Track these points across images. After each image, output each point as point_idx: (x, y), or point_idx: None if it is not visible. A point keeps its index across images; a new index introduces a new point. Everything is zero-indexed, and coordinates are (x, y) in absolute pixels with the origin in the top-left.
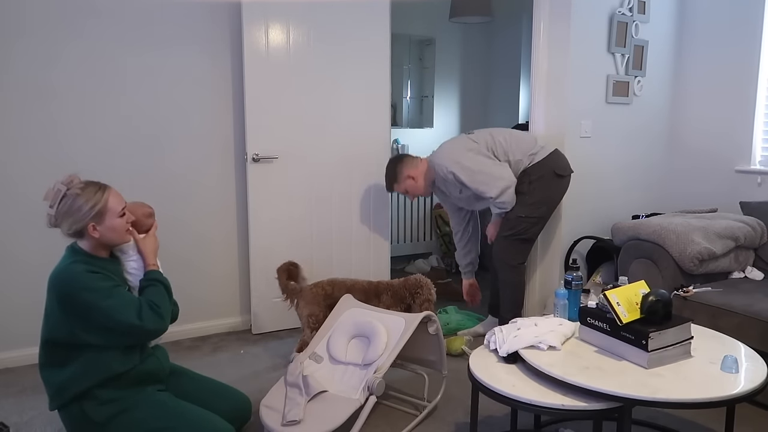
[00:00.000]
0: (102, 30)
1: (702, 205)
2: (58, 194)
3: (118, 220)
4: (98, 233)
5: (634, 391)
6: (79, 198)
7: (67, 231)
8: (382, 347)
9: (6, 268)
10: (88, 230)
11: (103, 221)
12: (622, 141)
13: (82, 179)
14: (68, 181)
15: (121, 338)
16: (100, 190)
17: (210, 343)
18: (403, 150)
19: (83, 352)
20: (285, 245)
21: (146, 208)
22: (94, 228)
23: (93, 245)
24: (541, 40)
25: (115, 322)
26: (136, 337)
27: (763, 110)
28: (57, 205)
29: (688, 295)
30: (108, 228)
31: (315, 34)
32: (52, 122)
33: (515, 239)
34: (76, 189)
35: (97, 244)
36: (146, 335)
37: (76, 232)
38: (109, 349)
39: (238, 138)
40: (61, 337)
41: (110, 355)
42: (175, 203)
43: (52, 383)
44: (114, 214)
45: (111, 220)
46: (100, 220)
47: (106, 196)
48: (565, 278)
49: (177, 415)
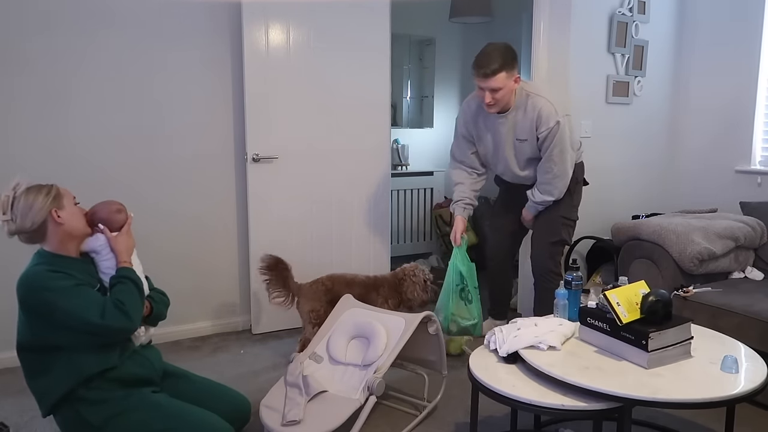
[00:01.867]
0: (102, 30)
1: (702, 205)
2: (8, 200)
3: (76, 207)
4: (62, 219)
5: (634, 391)
6: (30, 192)
7: (30, 228)
8: (381, 348)
9: (6, 267)
10: (53, 219)
11: (63, 205)
12: (622, 141)
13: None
14: (12, 185)
15: (87, 338)
16: (46, 185)
17: (210, 343)
18: (403, 150)
19: (56, 355)
20: (285, 245)
21: (114, 204)
22: (57, 214)
23: (58, 241)
24: (541, 40)
25: (78, 322)
26: (102, 337)
27: (763, 110)
28: (11, 209)
29: (688, 295)
30: (69, 213)
31: (315, 34)
32: (53, 122)
33: (561, 246)
34: (23, 188)
35: (63, 237)
36: (112, 334)
37: (39, 228)
38: (81, 350)
39: (238, 138)
40: (30, 341)
41: (84, 356)
42: (176, 203)
43: (35, 390)
44: (69, 198)
45: (69, 205)
46: (59, 204)
47: (54, 185)
48: (565, 278)
49: (175, 416)
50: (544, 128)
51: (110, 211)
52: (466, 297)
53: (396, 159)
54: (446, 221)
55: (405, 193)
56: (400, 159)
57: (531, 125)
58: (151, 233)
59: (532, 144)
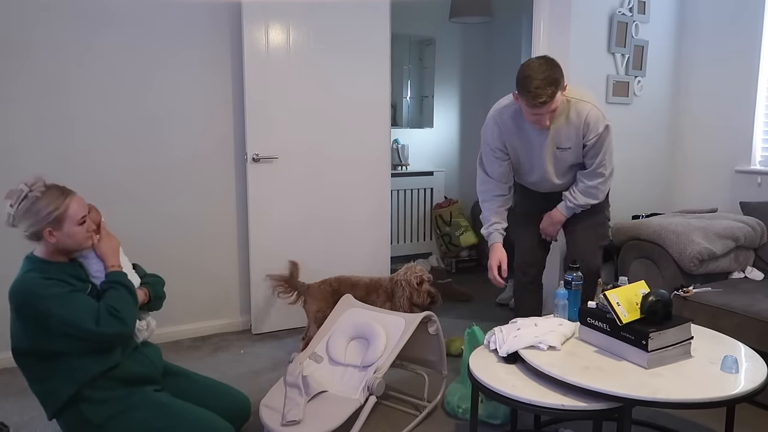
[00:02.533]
0: (101, 30)
1: (702, 205)
2: (20, 194)
3: (77, 227)
4: (55, 239)
5: (634, 391)
6: (39, 201)
7: (24, 232)
8: (381, 350)
9: (7, 265)
10: (45, 235)
11: (61, 228)
12: (622, 141)
13: (47, 182)
14: (32, 183)
15: (83, 344)
16: (62, 196)
17: (210, 343)
18: (403, 150)
19: (57, 360)
20: (285, 245)
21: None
22: (51, 233)
23: (49, 251)
24: (541, 40)
25: (73, 329)
26: (97, 343)
27: (763, 110)
28: (17, 205)
29: (688, 295)
30: (65, 234)
31: (315, 35)
32: (54, 121)
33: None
34: (37, 191)
35: (54, 249)
36: (107, 340)
37: (33, 234)
38: (81, 354)
39: (238, 138)
40: (29, 347)
41: (86, 359)
42: (176, 203)
43: (39, 394)
44: (73, 221)
45: (69, 227)
46: (57, 226)
47: (67, 202)
48: (565, 278)
49: (176, 414)
50: (593, 135)
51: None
52: None
53: (396, 159)
54: (446, 221)
55: (405, 193)
56: (400, 159)
57: (577, 132)
58: (151, 233)
59: (576, 151)
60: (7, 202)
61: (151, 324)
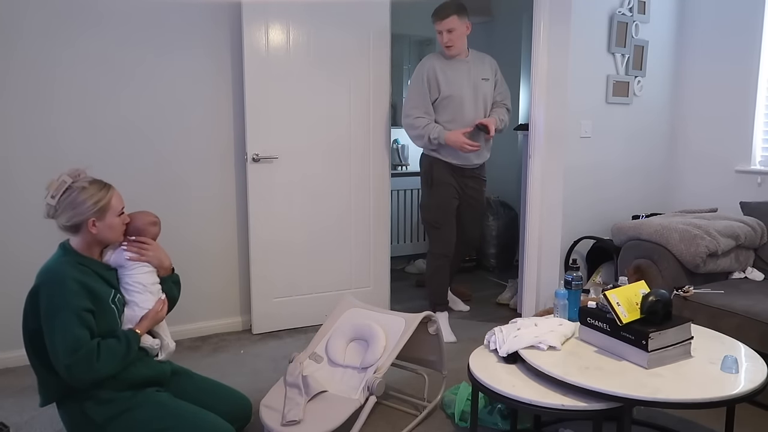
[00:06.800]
0: (102, 30)
1: (702, 205)
2: (63, 185)
3: (117, 219)
4: (96, 229)
5: (634, 391)
6: (85, 192)
7: (65, 223)
8: (380, 351)
9: (6, 267)
10: (88, 225)
11: (104, 218)
12: (622, 141)
13: (89, 175)
14: (75, 174)
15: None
16: (105, 188)
17: (210, 343)
18: (403, 150)
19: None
20: (285, 245)
21: (151, 216)
22: (94, 224)
23: (86, 243)
24: (541, 40)
25: (49, 342)
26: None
27: (763, 110)
28: (60, 196)
29: (688, 295)
30: (107, 225)
31: (315, 34)
32: (52, 122)
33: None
34: (82, 183)
35: (92, 241)
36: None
37: (74, 226)
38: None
39: (238, 138)
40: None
41: None
42: (175, 203)
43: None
44: (115, 212)
45: (111, 218)
46: (101, 216)
47: (110, 194)
48: (565, 278)
49: (177, 415)
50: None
51: (146, 222)
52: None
53: (396, 159)
54: None
55: (405, 193)
56: (400, 159)
57: (490, 67)
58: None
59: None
60: (47, 193)
61: (170, 346)
